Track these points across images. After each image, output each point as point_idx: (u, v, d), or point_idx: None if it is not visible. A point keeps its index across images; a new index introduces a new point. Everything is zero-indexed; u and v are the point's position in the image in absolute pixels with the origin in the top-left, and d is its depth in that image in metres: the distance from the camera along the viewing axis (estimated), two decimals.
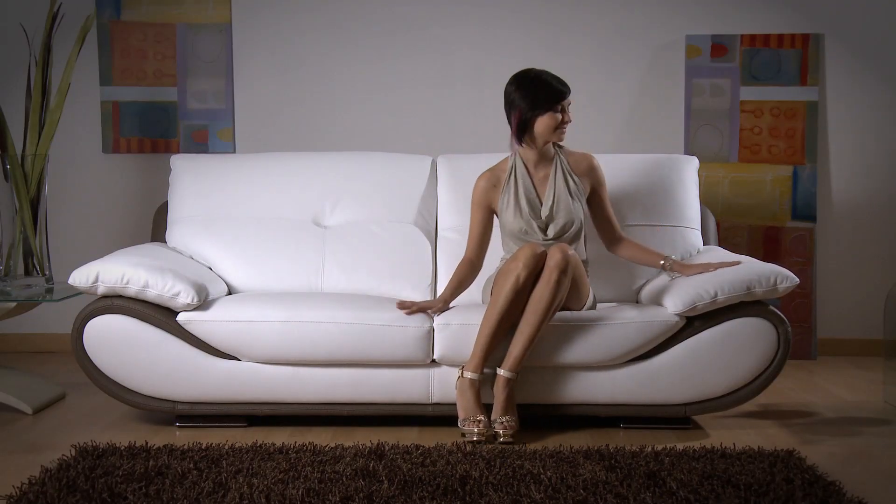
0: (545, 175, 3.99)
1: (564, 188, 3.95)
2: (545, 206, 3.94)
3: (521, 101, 3.89)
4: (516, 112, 3.90)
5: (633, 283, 4.22)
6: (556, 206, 3.93)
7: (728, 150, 5.25)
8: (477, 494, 3.01)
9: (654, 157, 4.50)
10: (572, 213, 3.92)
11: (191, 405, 3.88)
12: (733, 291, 3.73)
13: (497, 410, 3.69)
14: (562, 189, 3.95)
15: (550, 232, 3.92)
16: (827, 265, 5.30)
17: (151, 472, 3.21)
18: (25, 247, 4.38)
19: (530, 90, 3.89)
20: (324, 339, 3.77)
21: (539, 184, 3.99)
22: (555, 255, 3.67)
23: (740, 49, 5.22)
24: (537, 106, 3.87)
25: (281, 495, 2.98)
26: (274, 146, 5.27)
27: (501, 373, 3.70)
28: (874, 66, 5.25)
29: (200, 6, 5.29)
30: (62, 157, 5.27)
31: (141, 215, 5.28)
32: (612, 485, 3.09)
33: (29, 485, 3.10)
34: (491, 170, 4.06)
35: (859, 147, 5.28)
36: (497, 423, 3.66)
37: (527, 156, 3.99)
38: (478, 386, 3.72)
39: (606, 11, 5.27)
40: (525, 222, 3.92)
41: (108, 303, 3.82)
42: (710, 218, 4.49)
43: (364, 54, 5.31)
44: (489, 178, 4.04)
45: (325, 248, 4.29)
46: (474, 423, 3.65)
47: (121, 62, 5.31)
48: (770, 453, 3.43)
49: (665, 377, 3.81)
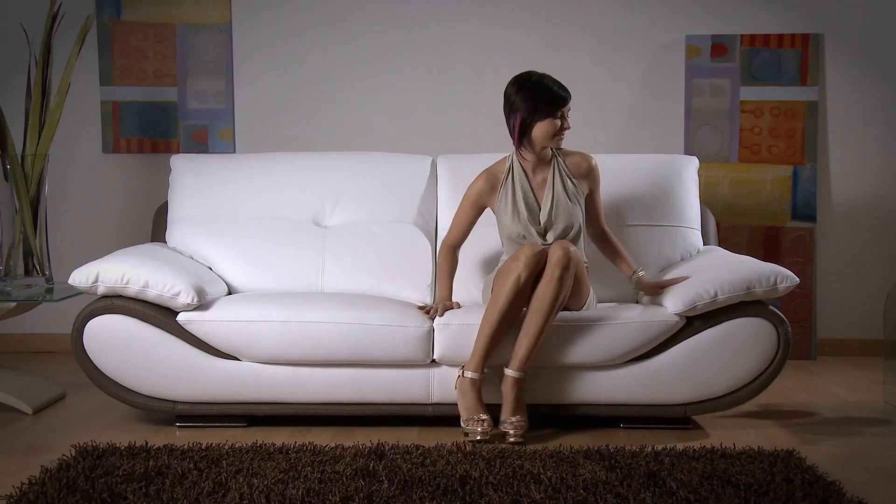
0: (543, 179, 3.97)
1: (563, 192, 3.93)
2: (543, 210, 3.92)
3: (521, 104, 3.87)
4: (516, 115, 3.88)
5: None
6: (555, 210, 3.91)
7: (728, 150, 5.25)
8: (477, 494, 3.01)
9: (654, 157, 4.50)
10: (571, 217, 3.91)
11: (191, 405, 3.88)
12: (733, 291, 3.73)
13: (506, 411, 3.69)
14: (560, 193, 3.93)
15: (550, 237, 3.90)
16: (827, 265, 5.30)
17: (151, 472, 3.21)
18: (25, 247, 4.38)
19: (531, 94, 3.87)
20: (324, 339, 3.77)
21: (537, 188, 3.97)
22: (556, 252, 3.67)
23: (740, 49, 5.22)
24: (538, 111, 3.85)
25: (281, 495, 2.98)
26: (274, 146, 5.27)
27: (509, 373, 3.70)
28: (874, 66, 5.25)
29: (200, 6, 5.29)
30: (62, 157, 5.27)
31: (141, 215, 5.28)
32: (612, 485, 3.09)
33: (29, 485, 3.10)
34: (489, 171, 4.03)
35: (859, 147, 5.28)
36: (507, 424, 3.66)
37: (525, 158, 3.97)
38: (479, 385, 3.72)
39: (606, 11, 5.27)
40: (523, 227, 3.91)
41: (108, 303, 3.82)
42: (710, 218, 4.49)
43: (364, 54, 5.31)
44: (487, 179, 4.01)
45: (325, 248, 4.29)
46: (477, 422, 3.65)
47: (121, 62, 5.31)
48: (770, 453, 3.43)
49: (665, 377, 3.80)
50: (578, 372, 3.82)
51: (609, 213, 4.23)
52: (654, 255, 4.26)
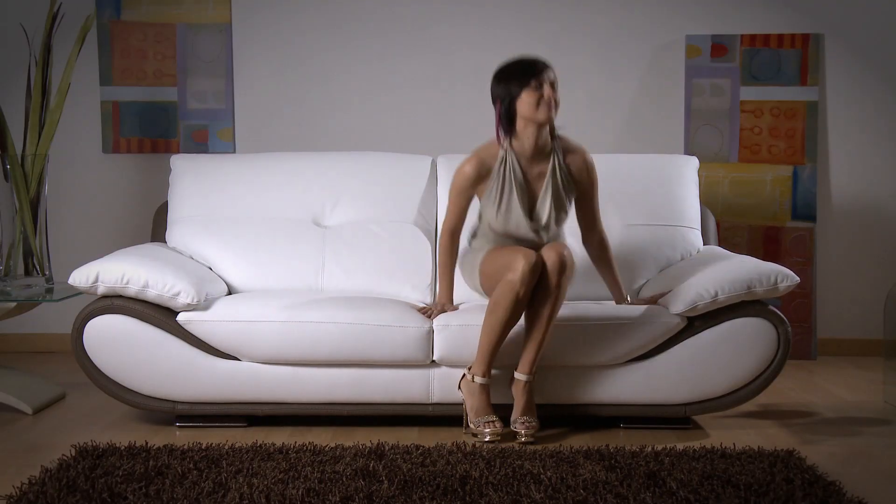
0: (541, 172, 3.81)
1: (560, 190, 3.81)
2: (542, 211, 3.79)
3: (498, 90, 3.77)
4: (498, 103, 3.78)
5: (633, 282, 4.21)
6: (553, 214, 3.80)
7: (728, 150, 5.25)
8: (477, 494, 3.01)
9: (654, 157, 4.50)
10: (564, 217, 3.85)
11: (191, 405, 3.88)
12: (734, 291, 3.73)
13: (518, 412, 3.70)
14: (558, 195, 3.80)
15: (543, 237, 3.83)
16: (827, 265, 5.30)
17: (151, 472, 3.21)
18: (25, 247, 4.38)
19: (504, 76, 3.78)
20: (324, 339, 3.77)
21: (534, 180, 3.82)
22: (551, 256, 3.62)
23: (740, 49, 5.22)
24: (513, 86, 3.73)
25: (281, 495, 2.98)
26: (274, 146, 5.27)
27: (520, 377, 3.70)
28: (874, 66, 5.25)
29: (200, 6, 5.29)
30: (62, 157, 5.27)
31: (141, 215, 5.28)
32: (612, 485, 3.09)
33: (29, 485, 3.10)
34: (480, 158, 3.83)
35: (859, 147, 5.28)
36: (518, 423, 3.67)
37: (521, 149, 3.80)
38: (488, 388, 3.72)
39: (606, 11, 5.27)
40: (514, 225, 3.80)
41: (108, 303, 3.82)
42: (710, 218, 4.49)
43: (364, 54, 5.31)
44: (477, 166, 3.82)
45: (325, 248, 4.29)
46: (488, 423, 3.66)
47: (121, 62, 5.31)
48: (770, 453, 3.43)
49: (665, 377, 3.81)
50: (579, 372, 3.82)
51: (609, 213, 4.23)
52: (654, 254, 4.26)
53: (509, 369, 3.77)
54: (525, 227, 3.81)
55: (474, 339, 3.72)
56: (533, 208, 3.82)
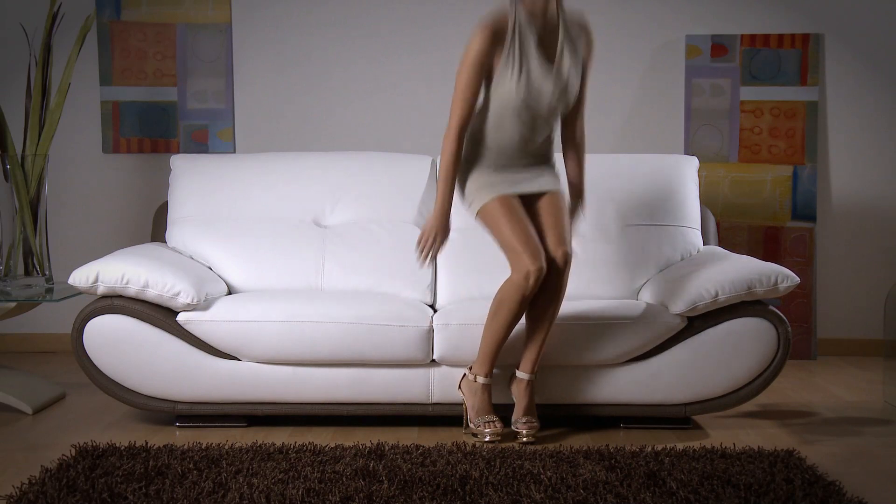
0: (552, 41, 3.56)
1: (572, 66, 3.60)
2: (563, 69, 3.55)
3: None
4: None
5: (633, 282, 4.21)
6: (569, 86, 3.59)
7: (728, 150, 5.25)
8: (477, 494, 3.01)
9: (654, 157, 4.50)
10: (571, 99, 3.65)
11: (191, 405, 3.88)
12: (734, 291, 3.73)
13: (519, 412, 3.70)
14: (570, 66, 3.59)
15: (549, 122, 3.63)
16: (827, 265, 5.30)
17: (151, 472, 3.21)
18: (25, 247, 4.38)
19: None
20: (324, 339, 3.78)
21: (547, 48, 3.57)
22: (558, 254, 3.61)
23: (740, 49, 5.22)
24: None
25: (281, 495, 2.98)
26: (274, 146, 5.27)
27: (522, 376, 3.71)
28: (874, 66, 5.25)
29: (200, 6, 5.29)
30: (62, 157, 5.27)
31: (141, 215, 5.28)
32: (612, 485, 3.09)
33: (29, 485, 3.10)
34: (490, 26, 3.51)
35: (859, 147, 5.28)
36: (520, 423, 3.67)
37: (532, 10, 3.53)
38: (490, 389, 3.72)
39: (606, 11, 5.27)
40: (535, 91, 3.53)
41: (108, 303, 3.82)
42: (710, 218, 4.49)
43: (364, 54, 5.31)
44: (492, 31, 3.50)
45: (325, 248, 4.29)
46: (488, 423, 3.66)
47: (121, 62, 5.31)
48: (770, 453, 3.43)
49: (665, 377, 3.81)
50: (579, 372, 3.82)
51: (609, 212, 4.23)
52: (654, 254, 4.25)
53: (509, 369, 3.77)
54: (549, 91, 3.58)
55: (474, 338, 3.73)
56: (553, 74, 3.60)
